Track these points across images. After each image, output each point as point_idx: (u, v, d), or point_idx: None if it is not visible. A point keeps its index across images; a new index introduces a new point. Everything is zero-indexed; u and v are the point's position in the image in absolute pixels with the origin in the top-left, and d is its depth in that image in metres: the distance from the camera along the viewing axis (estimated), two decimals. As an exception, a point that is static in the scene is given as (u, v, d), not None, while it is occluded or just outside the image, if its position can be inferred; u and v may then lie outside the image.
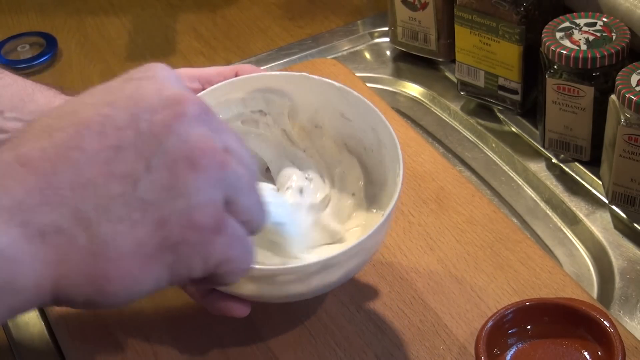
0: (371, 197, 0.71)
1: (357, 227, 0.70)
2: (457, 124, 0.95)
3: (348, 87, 0.69)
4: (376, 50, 1.04)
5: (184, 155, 0.44)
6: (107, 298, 0.45)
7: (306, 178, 0.70)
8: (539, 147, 0.88)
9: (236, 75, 0.71)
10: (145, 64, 0.49)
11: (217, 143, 0.46)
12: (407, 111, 0.98)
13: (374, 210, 0.71)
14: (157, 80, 0.47)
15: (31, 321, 0.73)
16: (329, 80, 0.70)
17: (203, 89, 0.69)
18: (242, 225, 0.47)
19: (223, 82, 0.69)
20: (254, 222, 0.48)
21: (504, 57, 0.88)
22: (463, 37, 0.90)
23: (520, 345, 0.64)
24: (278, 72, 0.71)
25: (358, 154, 0.72)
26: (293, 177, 0.70)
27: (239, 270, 0.48)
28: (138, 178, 0.44)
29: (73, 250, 0.43)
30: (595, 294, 0.76)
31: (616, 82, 0.75)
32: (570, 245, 0.81)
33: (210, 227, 0.45)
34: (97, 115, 0.44)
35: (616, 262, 0.77)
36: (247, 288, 0.62)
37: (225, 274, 0.47)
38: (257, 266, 0.61)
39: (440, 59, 0.99)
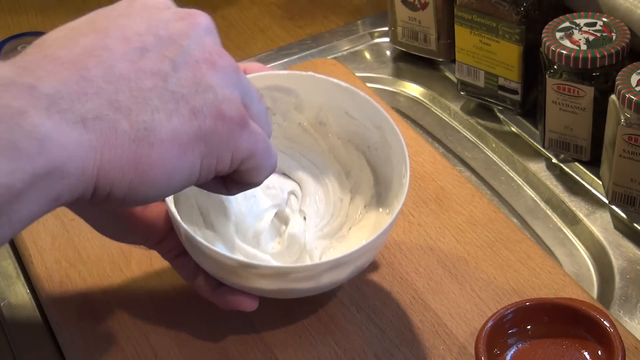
0: (376, 195, 0.72)
1: (363, 226, 0.71)
2: (457, 124, 0.95)
3: (354, 87, 0.70)
4: (376, 50, 1.04)
5: (204, 57, 0.47)
6: (149, 184, 0.46)
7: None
8: (539, 147, 0.88)
9: (244, 73, 0.72)
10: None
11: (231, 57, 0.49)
12: (407, 111, 0.98)
13: (379, 209, 0.71)
14: (164, 4, 0.49)
15: (31, 321, 0.73)
16: (335, 80, 0.70)
17: None
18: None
19: None
20: (265, 128, 0.52)
21: (504, 57, 0.88)
22: (463, 37, 0.90)
23: (520, 345, 0.64)
24: (285, 71, 0.71)
25: (363, 152, 0.73)
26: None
27: (264, 168, 0.51)
28: (167, 74, 0.46)
29: (115, 136, 0.44)
30: (595, 294, 0.76)
31: (616, 82, 0.75)
32: (570, 245, 0.81)
33: (236, 120, 0.48)
34: (115, 24, 0.47)
35: (616, 262, 0.77)
36: (258, 283, 0.63)
37: (251, 170, 0.50)
38: (269, 264, 0.65)
39: (440, 59, 0.99)
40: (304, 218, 0.71)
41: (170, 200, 0.62)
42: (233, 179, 0.51)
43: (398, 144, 0.68)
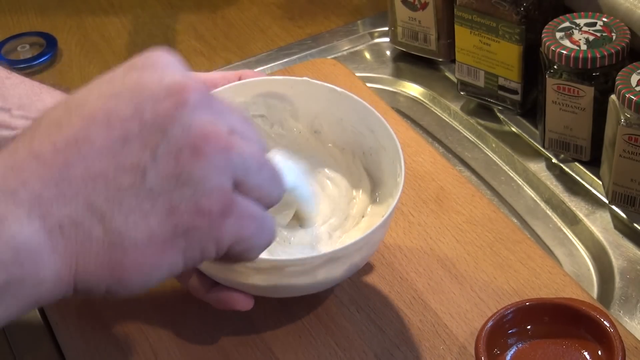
0: (374, 198, 0.72)
1: (361, 227, 0.71)
2: (457, 124, 0.95)
3: (348, 92, 0.70)
4: (376, 50, 1.04)
5: (187, 143, 0.45)
6: (126, 286, 0.46)
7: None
8: (539, 147, 0.88)
9: (240, 80, 0.72)
10: (147, 51, 0.49)
11: (221, 127, 0.46)
12: (407, 111, 0.98)
13: (378, 211, 0.71)
14: (158, 68, 0.47)
15: (31, 321, 0.73)
16: (330, 85, 0.71)
17: None
18: (256, 203, 0.49)
19: (225, 86, 0.70)
20: (267, 197, 0.50)
21: (504, 57, 0.88)
22: (463, 37, 0.90)
23: (520, 345, 0.64)
24: (280, 77, 0.71)
25: (359, 158, 0.73)
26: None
27: (256, 247, 0.50)
28: (145, 168, 0.45)
29: (90, 242, 0.44)
30: (595, 294, 0.76)
31: (616, 82, 0.75)
32: (570, 245, 0.81)
33: (218, 212, 0.46)
34: (102, 108, 0.46)
35: (616, 262, 0.77)
36: (253, 279, 0.63)
37: (241, 252, 0.49)
38: (263, 257, 0.63)
39: (440, 59, 0.99)
40: (304, 220, 0.71)
41: None
42: (225, 258, 0.50)
43: (392, 144, 0.68)
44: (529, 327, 0.65)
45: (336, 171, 0.74)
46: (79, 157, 0.45)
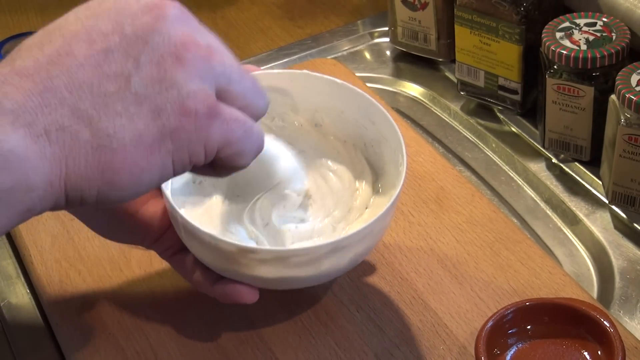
0: (377, 190, 0.72)
1: (365, 218, 0.71)
2: (457, 124, 0.95)
3: (348, 83, 0.70)
4: (376, 50, 1.04)
5: (169, 51, 0.47)
6: (118, 190, 0.47)
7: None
8: (539, 147, 0.88)
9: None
10: None
11: (200, 39, 0.49)
12: (407, 111, 0.98)
13: (381, 202, 0.71)
14: None
15: (31, 321, 0.73)
16: (329, 77, 0.71)
17: None
18: (242, 111, 0.50)
19: None
20: (253, 105, 0.51)
21: (504, 57, 0.88)
22: (463, 37, 0.90)
23: (520, 345, 0.64)
24: (279, 71, 0.72)
25: (360, 150, 0.73)
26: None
27: (246, 152, 0.51)
28: (129, 75, 0.46)
29: (78, 145, 0.45)
30: (595, 294, 0.76)
31: (616, 82, 0.75)
32: (570, 245, 0.81)
33: (203, 113, 0.47)
34: (82, 26, 0.47)
35: (616, 262, 0.77)
36: (258, 271, 0.62)
37: (230, 157, 0.50)
38: (268, 248, 0.64)
39: (440, 59, 0.99)
40: (308, 208, 0.71)
41: (167, 188, 0.62)
42: (217, 164, 0.51)
43: (394, 135, 0.68)
44: (529, 327, 0.65)
45: (338, 163, 0.73)
46: (62, 69, 0.46)
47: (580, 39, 0.80)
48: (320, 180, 0.73)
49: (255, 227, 0.68)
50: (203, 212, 0.69)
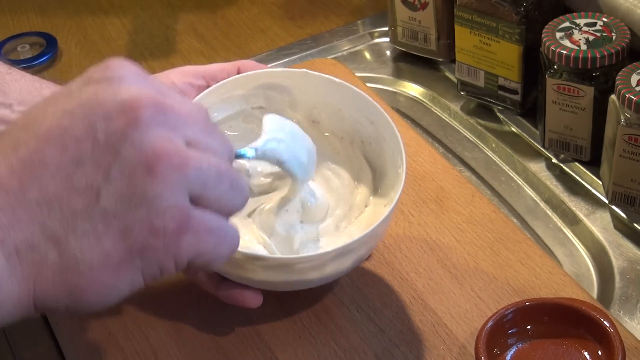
0: (375, 188, 0.72)
1: (363, 218, 0.71)
2: (457, 124, 0.95)
3: (347, 83, 0.71)
4: (376, 50, 1.04)
5: (140, 162, 0.45)
6: (86, 306, 0.46)
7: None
8: (539, 147, 0.88)
9: (239, 71, 0.72)
10: (106, 61, 0.48)
11: (175, 142, 0.46)
12: (407, 111, 0.98)
13: (378, 201, 0.71)
14: (115, 81, 0.47)
15: (31, 321, 0.73)
16: (329, 76, 0.71)
17: (208, 86, 0.71)
18: (216, 214, 0.48)
19: (226, 80, 0.71)
20: (228, 207, 0.49)
21: (504, 57, 0.88)
22: (463, 37, 0.90)
23: (520, 345, 0.64)
24: (279, 69, 0.72)
25: (358, 147, 0.73)
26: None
27: (218, 259, 0.49)
28: (99, 190, 0.45)
29: (46, 266, 0.45)
30: (595, 294, 0.76)
31: (616, 82, 0.75)
32: (570, 245, 0.81)
33: (173, 231, 0.46)
34: (57, 125, 0.46)
35: (616, 262, 0.77)
36: (262, 276, 0.63)
37: (203, 265, 0.49)
38: (275, 256, 0.65)
39: (440, 59, 0.99)
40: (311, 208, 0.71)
41: None
42: (188, 268, 0.49)
43: (392, 136, 0.68)
44: (529, 327, 0.65)
45: (337, 162, 0.74)
46: (34, 179, 0.45)
47: (580, 39, 0.80)
48: (320, 179, 0.73)
49: (263, 231, 0.68)
50: None
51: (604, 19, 0.82)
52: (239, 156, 0.61)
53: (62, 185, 0.45)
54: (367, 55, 1.04)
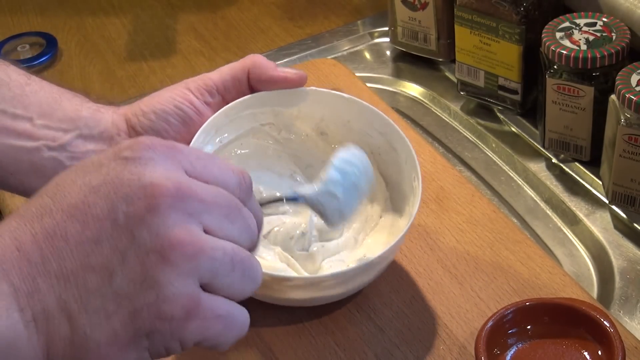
0: (389, 198, 0.74)
1: (380, 229, 0.72)
2: (457, 124, 0.95)
3: (356, 97, 0.72)
4: (376, 50, 1.04)
5: (154, 249, 0.46)
6: None
7: None
8: (539, 147, 0.88)
9: (248, 72, 0.72)
10: (138, 138, 0.50)
11: (191, 231, 0.47)
12: (407, 111, 0.98)
13: (393, 213, 0.73)
14: (141, 164, 0.48)
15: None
16: (337, 92, 0.73)
17: (223, 100, 0.70)
18: (225, 300, 0.49)
19: (235, 102, 0.71)
20: (239, 293, 0.50)
21: (504, 57, 0.88)
22: (463, 37, 0.90)
23: (520, 345, 0.64)
24: (288, 90, 0.72)
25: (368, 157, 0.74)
26: None
27: (224, 344, 0.50)
28: (113, 271, 0.47)
29: (58, 337, 0.47)
30: (595, 294, 0.76)
31: (616, 82, 0.75)
32: (570, 245, 0.81)
33: (180, 317, 0.47)
34: (82, 202, 0.48)
35: (616, 262, 0.77)
36: (290, 295, 0.65)
37: (209, 348, 0.50)
38: (302, 276, 0.67)
39: (440, 59, 0.99)
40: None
41: None
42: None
43: (404, 147, 0.70)
44: (529, 327, 0.65)
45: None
46: (55, 252, 0.47)
47: (580, 39, 0.80)
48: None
49: (283, 249, 0.70)
50: None
51: (604, 19, 0.82)
52: (291, 199, 0.63)
53: (79, 262, 0.47)
54: (367, 55, 1.04)
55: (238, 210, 0.50)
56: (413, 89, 1.00)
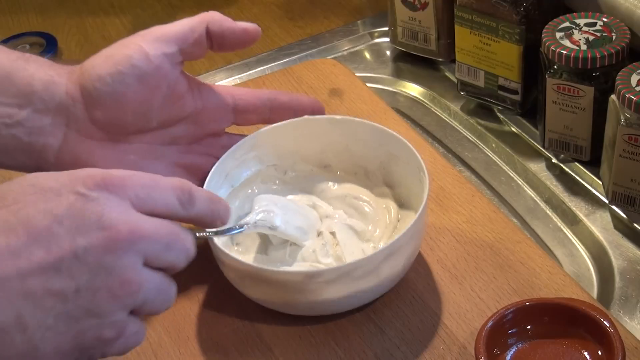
0: (397, 198, 0.75)
1: (397, 229, 0.73)
2: (457, 124, 0.95)
3: (349, 117, 0.75)
4: (376, 50, 1.04)
5: (106, 287, 0.53)
6: None
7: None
8: (539, 147, 0.88)
9: (207, 27, 0.73)
10: (89, 173, 0.55)
11: (136, 270, 0.54)
12: (407, 111, 0.98)
13: (405, 211, 0.74)
14: (99, 204, 0.53)
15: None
16: (329, 116, 0.76)
17: (180, 50, 0.70)
18: (141, 322, 0.57)
19: (238, 143, 0.74)
20: (154, 311, 0.57)
21: (504, 57, 0.88)
22: (463, 37, 0.90)
23: (520, 345, 0.64)
24: (281, 123, 0.75)
25: (373, 173, 0.77)
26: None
27: (132, 347, 0.57)
28: (67, 297, 0.52)
29: (11, 348, 0.51)
30: (595, 294, 0.76)
31: (616, 82, 0.75)
32: (570, 245, 0.81)
33: (113, 338, 0.55)
34: (46, 230, 0.52)
35: (616, 262, 0.77)
36: (325, 294, 0.65)
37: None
38: (332, 267, 0.67)
39: (440, 59, 0.99)
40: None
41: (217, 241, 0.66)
42: None
43: (405, 149, 0.71)
44: (529, 327, 0.65)
45: (357, 191, 0.76)
46: (17, 272, 0.51)
47: (580, 39, 0.80)
48: (351, 210, 0.75)
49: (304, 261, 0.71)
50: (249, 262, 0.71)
51: (604, 19, 0.82)
52: (236, 231, 0.67)
53: (40, 284, 0.51)
54: (367, 55, 1.04)
55: (176, 236, 0.56)
56: (413, 89, 1.00)
